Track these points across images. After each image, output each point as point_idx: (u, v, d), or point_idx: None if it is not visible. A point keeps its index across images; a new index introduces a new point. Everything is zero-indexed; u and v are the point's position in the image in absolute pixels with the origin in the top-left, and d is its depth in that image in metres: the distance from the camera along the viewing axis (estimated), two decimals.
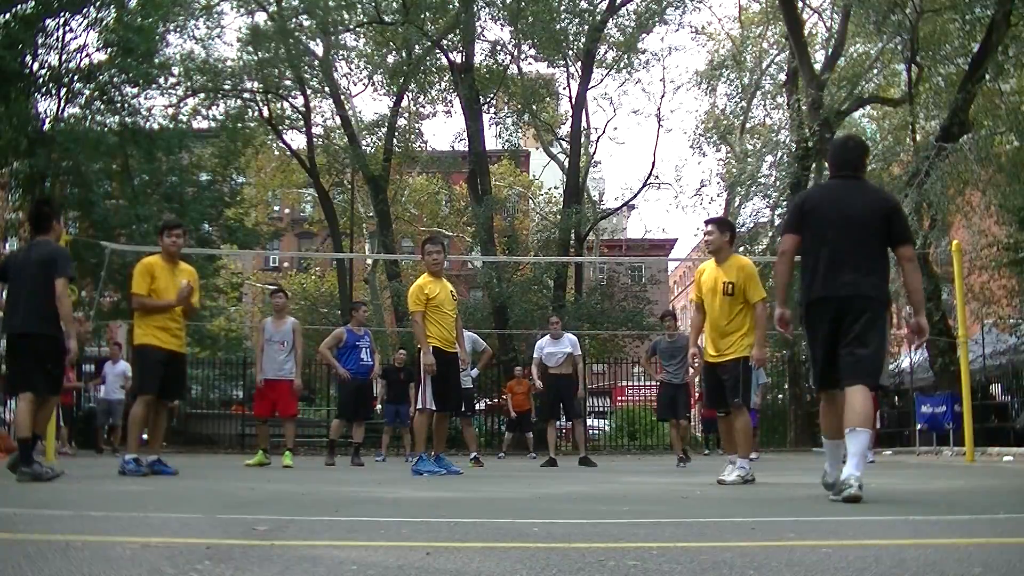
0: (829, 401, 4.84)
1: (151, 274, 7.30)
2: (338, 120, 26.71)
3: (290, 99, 26.59)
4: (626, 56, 26.08)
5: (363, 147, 26.10)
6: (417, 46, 23.95)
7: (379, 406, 15.24)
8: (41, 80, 19.01)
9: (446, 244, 10.56)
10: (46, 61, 19.21)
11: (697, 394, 15.95)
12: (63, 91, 19.33)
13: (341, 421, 11.82)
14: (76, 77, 19.32)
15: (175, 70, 22.30)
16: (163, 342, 7.25)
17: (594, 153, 29.19)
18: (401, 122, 27.39)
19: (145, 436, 7.67)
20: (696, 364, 7.50)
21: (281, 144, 28.15)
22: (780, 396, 23.79)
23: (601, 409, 27.06)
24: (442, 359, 7.88)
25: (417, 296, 7.93)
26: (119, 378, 15.13)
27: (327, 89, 25.92)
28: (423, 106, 27.48)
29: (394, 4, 24.09)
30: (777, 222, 26.05)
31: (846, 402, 4.56)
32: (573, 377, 11.43)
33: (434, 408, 7.89)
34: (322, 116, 28.65)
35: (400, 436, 15.16)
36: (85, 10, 18.84)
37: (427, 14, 23.53)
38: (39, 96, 19.23)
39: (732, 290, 6.51)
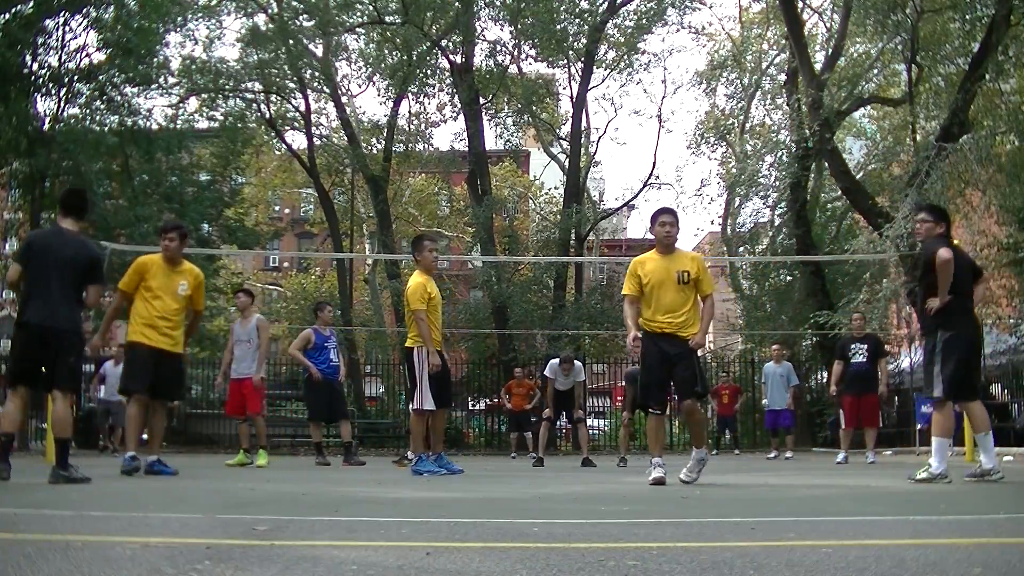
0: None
1: (143, 273, 7.24)
2: (338, 120, 26.70)
3: (290, 99, 26.58)
4: (626, 56, 26.07)
5: (364, 147, 26.07)
6: (417, 47, 23.91)
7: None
8: (41, 80, 18.96)
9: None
10: (46, 61, 19.16)
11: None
12: (63, 91, 19.29)
13: (317, 423, 11.58)
14: (76, 77, 19.28)
15: (173, 66, 22.27)
16: (152, 340, 7.15)
17: (595, 153, 29.14)
18: (404, 124, 27.39)
19: (145, 436, 7.68)
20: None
21: (281, 144, 28.14)
22: None
23: (601, 409, 27.02)
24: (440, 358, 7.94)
25: (421, 294, 7.91)
26: (118, 380, 15.15)
27: (327, 90, 25.91)
28: (428, 112, 27.47)
29: (392, 5, 24.07)
30: (777, 222, 26.07)
31: (974, 414, 6.83)
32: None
33: (433, 408, 7.93)
34: (326, 117, 28.66)
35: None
36: (85, 10, 18.80)
37: (427, 14, 23.51)
38: (39, 96, 19.20)
39: (687, 279, 6.45)
